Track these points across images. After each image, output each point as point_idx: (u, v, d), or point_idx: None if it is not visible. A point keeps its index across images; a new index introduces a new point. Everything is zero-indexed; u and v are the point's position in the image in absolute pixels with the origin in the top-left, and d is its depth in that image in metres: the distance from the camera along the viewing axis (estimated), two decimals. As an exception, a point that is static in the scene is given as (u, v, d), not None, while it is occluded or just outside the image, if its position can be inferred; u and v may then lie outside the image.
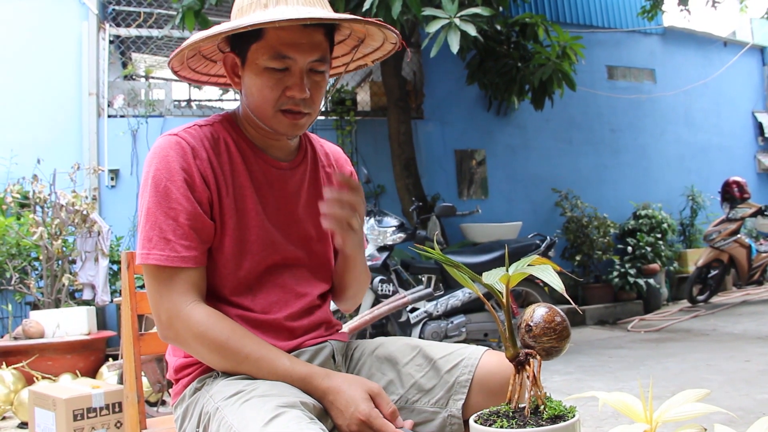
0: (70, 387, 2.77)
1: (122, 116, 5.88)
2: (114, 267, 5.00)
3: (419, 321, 4.33)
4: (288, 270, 1.28)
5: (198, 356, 1.18)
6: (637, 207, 7.61)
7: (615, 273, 6.90)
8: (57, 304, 4.44)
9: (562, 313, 0.89)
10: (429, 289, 4.32)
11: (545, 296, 4.59)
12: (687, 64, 8.87)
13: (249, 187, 1.23)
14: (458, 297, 4.41)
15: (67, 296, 4.52)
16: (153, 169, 1.16)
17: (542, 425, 0.82)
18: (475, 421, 0.86)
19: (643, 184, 8.11)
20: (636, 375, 3.77)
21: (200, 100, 8.02)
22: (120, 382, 3.30)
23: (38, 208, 4.60)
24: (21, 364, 3.80)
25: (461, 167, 7.12)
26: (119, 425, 2.60)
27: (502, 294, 0.91)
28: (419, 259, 4.81)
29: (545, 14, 7.34)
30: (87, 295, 4.55)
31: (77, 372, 3.89)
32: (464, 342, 4.26)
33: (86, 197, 4.79)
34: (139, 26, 6.22)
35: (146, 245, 1.14)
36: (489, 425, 0.84)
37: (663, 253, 7.24)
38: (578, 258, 6.92)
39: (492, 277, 0.89)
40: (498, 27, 6.06)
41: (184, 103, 7.35)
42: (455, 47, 4.29)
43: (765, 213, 6.86)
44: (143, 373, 3.09)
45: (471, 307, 4.45)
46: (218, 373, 1.18)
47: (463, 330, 4.37)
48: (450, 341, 4.11)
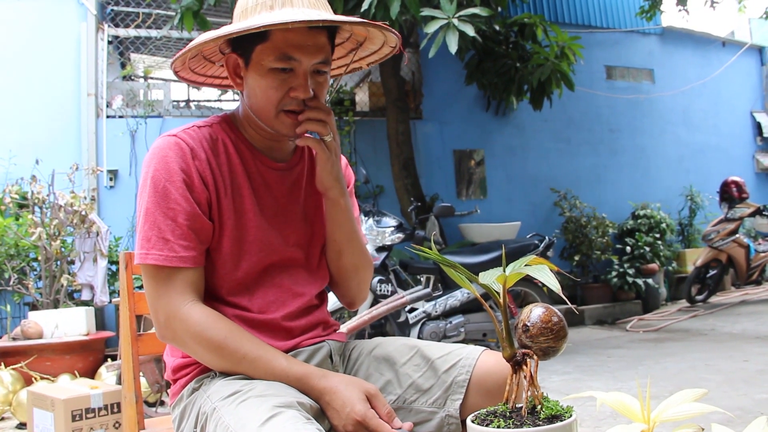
0: (69, 387, 2.77)
1: (121, 117, 5.87)
2: (113, 267, 5.00)
3: (418, 321, 4.33)
4: (285, 270, 1.28)
5: (196, 356, 1.18)
6: (636, 207, 7.61)
7: (614, 273, 6.90)
8: (56, 305, 4.44)
9: (559, 313, 0.90)
10: (428, 290, 4.32)
11: (544, 296, 4.59)
12: (685, 64, 8.87)
13: (247, 188, 1.24)
14: (457, 297, 4.41)
15: (66, 297, 4.51)
16: (152, 170, 1.16)
17: (539, 425, 0.82)
18: (473, 421, 0.87)
19: (642, 184, 8.12)
20: (634, 375, 3.78)
21: (199, 101, 8.02)
22: (118, 383, 3.30)
23: (37, 209, 4.59)
24: (20, 365, 3.80)
25: (460, 167, 7.12)
26: (118, 426, 2.60)
27: (500, 294, 0.91)
28: (418, 260, 4.81)
29: (544, 14, 7.33)
30: (86, 296, 4.54)
31: (76, 372, 3.89)
32: (463, 342, 4.26)
33: (85, 198, 4.79)
34: (138, 27, 6.21)
35: (145, 245, 1.14)
36: (486, 425, 0.85)
37: (662, 253, 7.24)
38: (577, 258, 6.93)
39: (489, 278, 0.90)
40: (496, 27, 6.06)
41: (183, 104, 7.34)
42: (454, 47, 4.30)
43: (763, 213, 6.87)
44: (141, 374, 3.09)
45: (470, 308, 4.45)
46: (216, 374, 1.18)
47: (462, 330, 4.37)
48: (448, 341, 4.11)
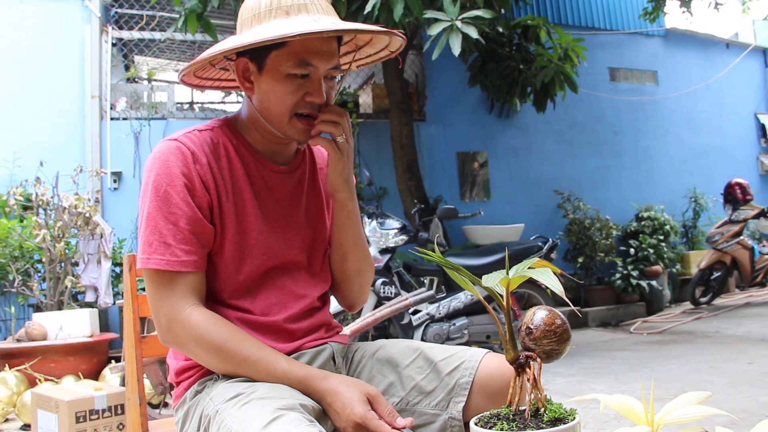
0: (73, 389, 2.78)
1: (125, 119, 5.88)
2: (116, 269, 5.01)
3: (421, 323, 4.33)
4: (287, 273, 1.29)
5: (197, 359, 1.18)
6: (640, 209, 7.59)
7: (617, 275, 6.88)
8: (60, 307, 4.45)
9: (563, 316, 0.89)
10: (431, 292, 4.33)
11: (547, 298, 4.58)
12: (689, 66, 8.86)
13: (248, 192, 1.24)
14: (460, 299, 4.41)
15: (70, 298, 4.52)
16: (153, 174, 1.16)
17: (542, 428, 0.82)
18: (476, 424, 0.87)
19: (646, 186, 8.10)
20: (638, 377, 3.76)
21: (202, 103, 8.04)
22: (122, 384, 3.30)
23: (41, 211, 4.60)
24: (24, 366, 3.80)
25: (463, 169, 7.12)
26: (121, 427, 2.60)
27: (503, 297, 0.91)
28: (421, 262, 4.80)
29: (547, 16, 7.33)
30: (89, 298, 4.55)
31: (80, 374, 3.89)
32: (466, 344, 4.27)
33: (89, 200, 4.80)
34: (142, 29, 6.23)
35: (146, 250, 1.14)
36: (489, 428, 0.84)
37: (665, 255, 7.22)
38: (580, 260, 6.91)
39: (492, 280, 0.90)
40: (500, 29, 6.06)
41: (187, 106, 7.36)
42: (457, 50, 4.30)
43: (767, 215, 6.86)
44: (145, 376, 3.09)
45: (473, 310, 4.44)
46: (218, 376, 1.18)
47: (465, 332, 4.37)
48: (452, 343, 4.10)
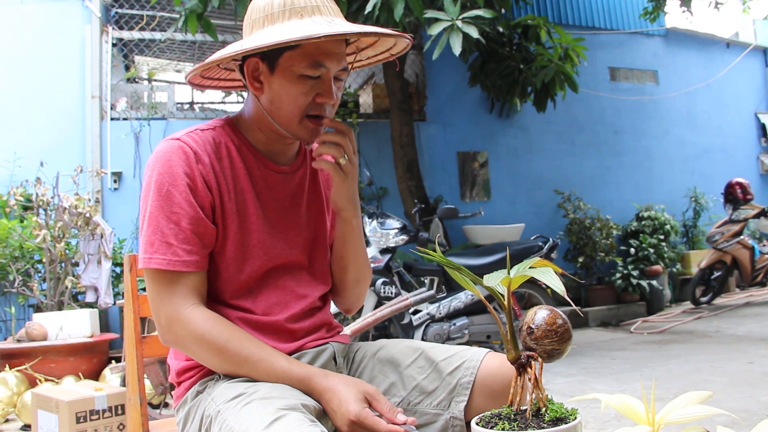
0: (73, 389, 2.78)
1: (125, 119, 5.88)
2: (117, 269, 5.01)
3: (422, 323, 4.33)
4: (289, 272, 1.29)
5: (198, 359, 1.18)
6: (640, 208, 7.59)
7: (618, 275, 6.88)
8: (60, 307, 4.45)
9: (564, 316, 0.89)
10: (431, 291, 4.33)
11: (548, 298, 4.58)
12: (689, 66, 8.86)
13: (250, 192, 1.24)
14: (461, 299, 4.41)
15: (70, 299, 4.52)
16: (155, 174, 1.16)
17: (544, 428, 0.82)
18: (477, 424, 0.86)
19: (646, 186, 8.10)
20: (639, 377, 3.76)
21: (203, 103, 8.03)
22: (123, 385, 3.30)
23: (41, 211, 4.60)
24: (24, 367, 3.80)
25: (464, 169, 7.12)
26: (122, 427, 2.60)
27: (504, 296, 0.91)
28: (422, 261, 4.80)
29: (547, 16, 7.33)
30: (90, 298, 4.55)
31: (80, 374, 3.89)
32: (467, 344, 4.27)
33: (89, 200, 4.80)
34: (142, 29, 6.23)
35: (148, 249, 1.14)
36: (491, 428, 0.84)
37: (666, 255, 7.22)
38: (581, 260, 6.90)
39: (493, 280, 0.89)
40: (500, 29, 6.06)
41: (187, 106, 7.36)
42: (457, 49, 4.30)
43: (768, 214, 6.86)
44: (146, 376, 3.09)
45: (474, 309, 4.44)
46: (220, 376, 1.18)
47: (466, 332, 4.37)
48: (452, 343, 4.09)
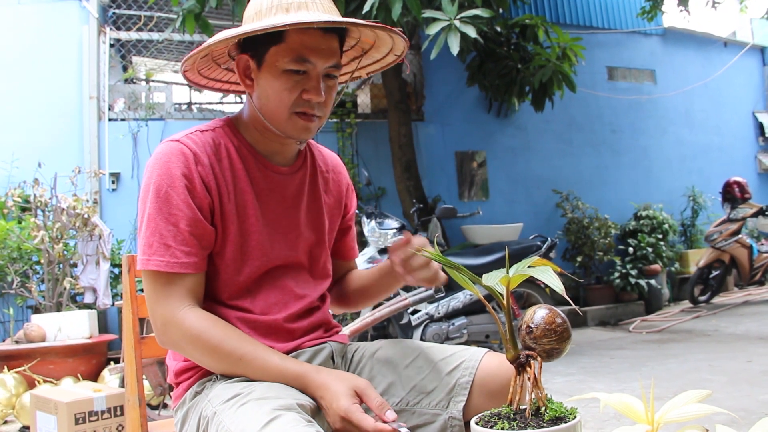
0: (72, 390, 2.77)
1: (123, 119, 5.87)
2: (115, 270, 5.00)
3: (420, 323, 4.33)
4: (288, 273, 1.29)
5: (194, 360, 1.18)
6: (638, 208, 7.60)
7: (616, 274, 6.89)
8: (58, 308, 4.44)
9: (563, 315, 0.89)
10: (430, 291, 4.32)
11: (546, 297, 4.58)
12: (687, 65, 8.87)
13: (250, 193, 1.24)
14: (459, 299, 4.40)
15: (69, 300, 4.52)
16: (154, 176, 1.16)
17: (543, 427, 0.82)
18: (476, 423, 0.86)
19: (644, 185, 8.11)
20: (637, 376, 3.77)
21: (201, 103, 8.01)
22: (121, 386, 3.30)
23: (39, 212, 4.60)
24: (23, 368, 3.80)
25: (462, 169, 7.12)
26: (121, 428, 2.60)
27: (503, 296, 0.91)
28: (420, 261, 4.79)
29: (545, 15, 7.33)
30: (88, 299, 4.55)
31: (79, 375, 3.89)
32: (465, 344, 4.27)
33: (87, 201, 4.79)
34: (140, 30, 6.22)
35: (147, 251, 1.14)
36: (490, 427, 0.84)
37: (664, 254, 7.23)
38: (579, 259, 6.92)
39: (492, 279, 0.89)
40: (498, 29, 6.06)
41: (185, 106, 7.34)
42: (455, 49, 4.29)
43: (766, 213, 6.85)
44: (144, 377, 3.09)
45: (472, 309, 4.44)
46: (217, 377, 1.18)
47: (465, 332, 4.37)
48: (451, 343, 4.09)
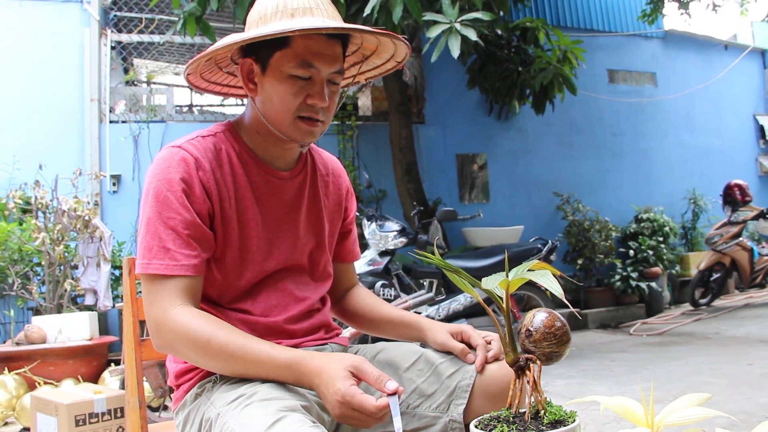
0: (72, 392, 2.77)
1: (124, 122, 5.87)
2: (116, 272, 5.00)
3: (421, 325, 4.32)
4: (289, 275, 1.29)
5: (188, 360, 1.17)
6: (639, 210, 7.60)
7: (617, 276, 6.89)
8: (59, 310, 4.44)
9: (563, 318, 0.89)
10: (430, 294, 4.33)
11: (547, 300, 4.58)
12: (688, 68, 8.87)
13: (250, 198, 1.24)
14: (460, 301, 4.40)
15: (69, 301, 4.52)
16: (155, 181, 1.17)
17: (543, 430, 0.82)
18: (476, 427, 0.87)
19: (645, 188, 8.11)
20: (638, 379, 3.76)
21: (201, 106, 8.02)
22: (122, 388, 3.30)
23: (40, 214, 4.60)
24: (23, 370, 3.80)
25: (462, 171, 7.12)
26: (121, 430, 2.60)
27: (503, 299, 0.91)
28: (421, 264, 4.80)
29: (546, 18, 7.34)
30: (89, 301, 4.55)
31: (79, 377, 3.89)
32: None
33: (88, 203, 4.80)
34: (141, 32, 6.23)
35: (146, 255, 1.14)
36: (489, 430, 0.84)
37: (665, 257, 7.22)
38: (580, 262, 6.91)
39: (492, 282, 0.90)
40: (499, 31, 6.07)
41: (186, 109, 7.36)
42: (456, 52, 4.30)
43: (767, 216, 6.85)
44: (145, 379, 3.09)
45: (473, 312, 4.44)
46: (218, 378, 1.18)
47: (465, 334, 4.36)
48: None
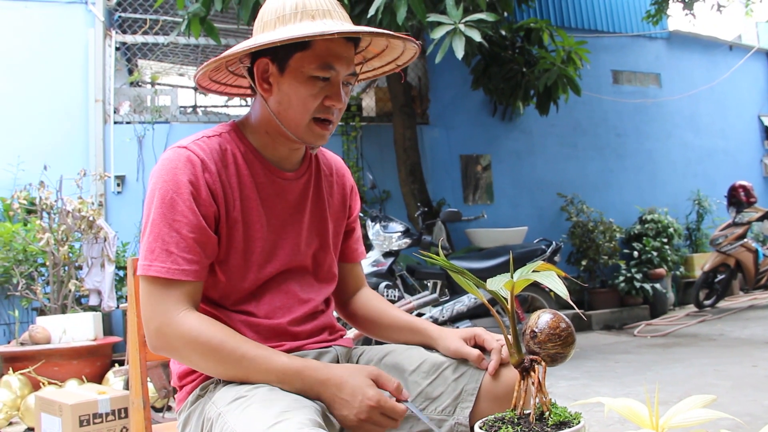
0: (77, 392, 2.78)
1: (128, 123, 5.89)
2: (120, 273, 5.01)
3: (425, 326, 4.31)
4: (293, 277, 1.29)
5: (190, 363, 1.16)
6: (643, 211, 7.58)
7: (621, 278, 6.87)
8: (63, 310, 4.45)
9: (567, 320, 0.89)
10: (434, 295, 4.31)
11: (551, 301, 4.57)
12: (692, 68, 8.85)
13: (255, 199, 1.24)
14: (464, 302, 4.39)
15: (74, 302, 4.53)
16: (160, 182, 1.16)
17: (547, 431, 0.82)
18: (480, 428, 0.86)
19: (649, 189, 8.09)
20: (642, 380, 3.75)
21: (206, 106, 8.04)
22: (126, 388, 3.30)
23: (45, 214, 4.61)
24: (27, 370, 3.81)
25: (466, 172, 7.11)
26: (125, 431, 2.60)
27: (507, 300, 0.91)
28: (425, 265, 4.79)
29: (550, 19, 7.33)
30: (93, 301, 4.55)
31: (83, 377, 3.90)
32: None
33: (92, 203, 4.81)
34: (145, 33, 6.25)
35: (148, 257, 1.13)
36: (494, 432, 0.84)
37: (669, 258, 7.20)
38: (584, 263, 6.90)
39: (496, 284, 0.89)
40: (503, 32, 6.06)
41: (190, 110, 7.37)
42: (460, 53, 4.29)
43: (772, 217, 6.84)
44: (149, 379, 3.09)
45: (477, 313, 4.43)
46: (220, 380, 1.18)
47: (469, 335, 4.35)
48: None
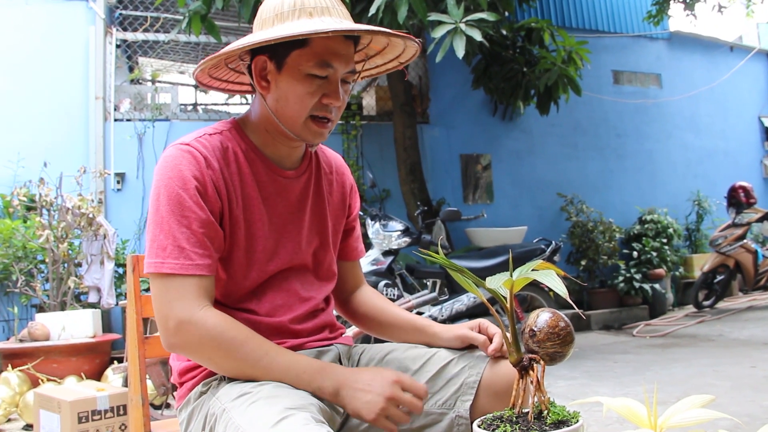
0: (75, 389, 2.78)
1: (128, 120, 5.89)
2: (119, 270, 5.01)
3: (424, 325, 4.31)
4: (294, 275, 1.30)
5: (209, 361, 1.15)
6: (643, 212, 7.58)
7: (620, 278, 6.87)
8: (62, 307, 4.46)
9: (566, 319, 0.89)
10: (434, 294, 4.32)
11: (550, 301, 4.58)
12: (693, 69, 8.84)
13: (256, 197, 1.24)
14: (463, 301, 4.40)
15: (73, 299, 4.53)
16: (165, 178, 1.15)
17: (546, 431, 0.82)
18: (479, 426, 0.87)
19: (649, 189, 8.09)
20: (641, 380, 3.76)
21: (206, 104, 8.05)
22: (125, 385, 3.30)
23: (44, 211, 4.61)
24: (26, 367, 3.81)
25: (466, 172, 7.11)
26: (124, 428, 2.60)
27: (506, 299, 0.91)
28: (424, 264, 4.80)
29: (551, 19, 7.34)
30: (92, 298, 4.56)
31: (82, 374, 3.90)
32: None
33: (92, 200, 4.81)
34: (146, 31, 6.25)
35: (160, 254, 1.12)
36: (493, 430, 0.84)
37: (668, 258, 7.21)
38: (583, 263, 6.90)
39: (496, 282, 0.90)
40: (503, 32, 6.06)
41: (190, 107, 7.38)
42: (461, 52, 4.29)
43: (771, 218, 6.84)
44: (148, 376, 3.10)
45: (476, 312, 4.43)
46: (224, 376, 1.18)
47: (468, 334, 4.35)
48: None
